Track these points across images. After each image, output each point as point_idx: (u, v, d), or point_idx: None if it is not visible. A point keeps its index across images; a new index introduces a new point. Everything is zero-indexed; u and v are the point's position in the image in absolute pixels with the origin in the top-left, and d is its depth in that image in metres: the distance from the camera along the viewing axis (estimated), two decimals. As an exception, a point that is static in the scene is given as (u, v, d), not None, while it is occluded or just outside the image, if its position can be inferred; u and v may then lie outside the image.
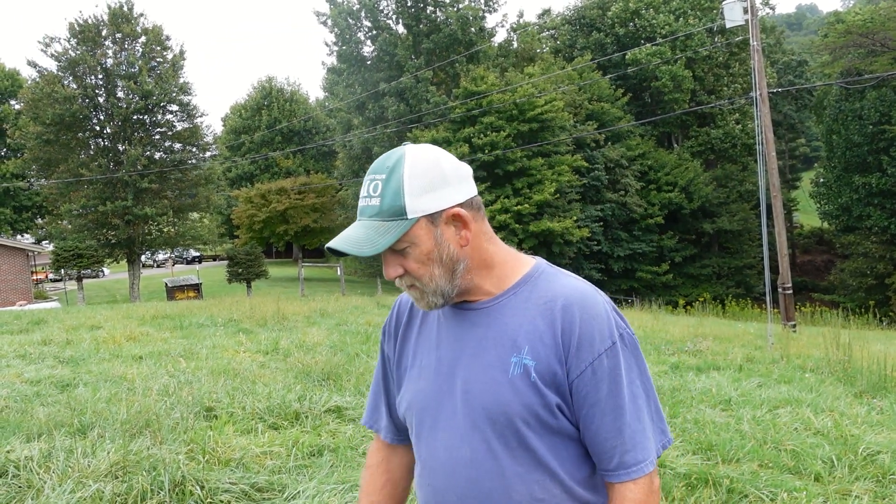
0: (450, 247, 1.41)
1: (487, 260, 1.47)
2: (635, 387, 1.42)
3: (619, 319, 1.43)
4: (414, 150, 1.41)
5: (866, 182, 37.60)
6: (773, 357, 9.72)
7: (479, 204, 1.46)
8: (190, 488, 4.02)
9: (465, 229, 1.42)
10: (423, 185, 1.38)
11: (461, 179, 1.43)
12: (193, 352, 9.35)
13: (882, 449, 5.19)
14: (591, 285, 1.46)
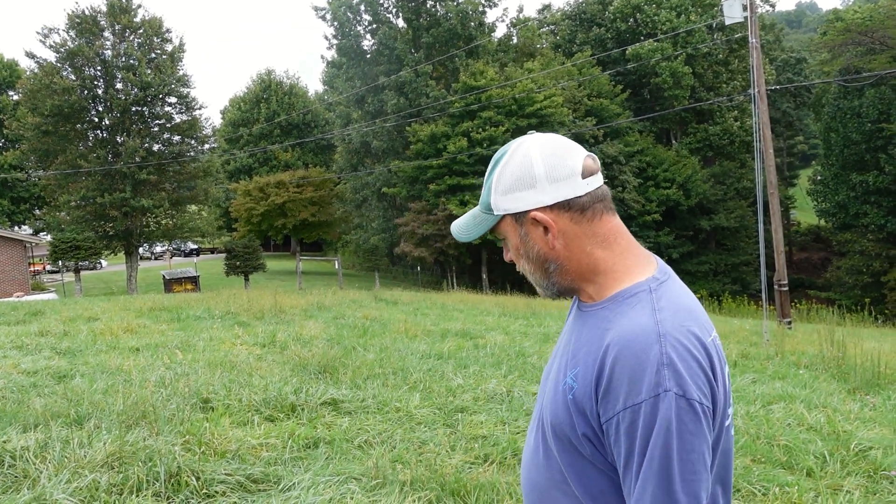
0: (536, 247, 1.40)
1: (591, 265, 1.38)
2: (650, 466, 1.18)
3: (673, 377, 1.18)
4: (521, 145, 1.41)
5: (863, 180, 37.65)
6: (769, 353, 9.75)
7: (584, 205, 1.36)
8: (185, 479, 4.04)
9: (551, 233, 1.37)
10: (510, 184, 1.38)
11: (555, 181, 1.35)
12: (190, 344, 9.36)
13: (874, 445, 5.22)
14: (663, 326, 1.23)
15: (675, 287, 1.36)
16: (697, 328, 1.26)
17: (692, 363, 1.21)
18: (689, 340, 1.23)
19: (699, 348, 1.23)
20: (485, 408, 6.22)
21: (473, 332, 11.32)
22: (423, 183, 37.29)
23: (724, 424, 1.30)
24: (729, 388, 1.34)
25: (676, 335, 1.22)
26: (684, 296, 1.35)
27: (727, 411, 1.31)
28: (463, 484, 4.20)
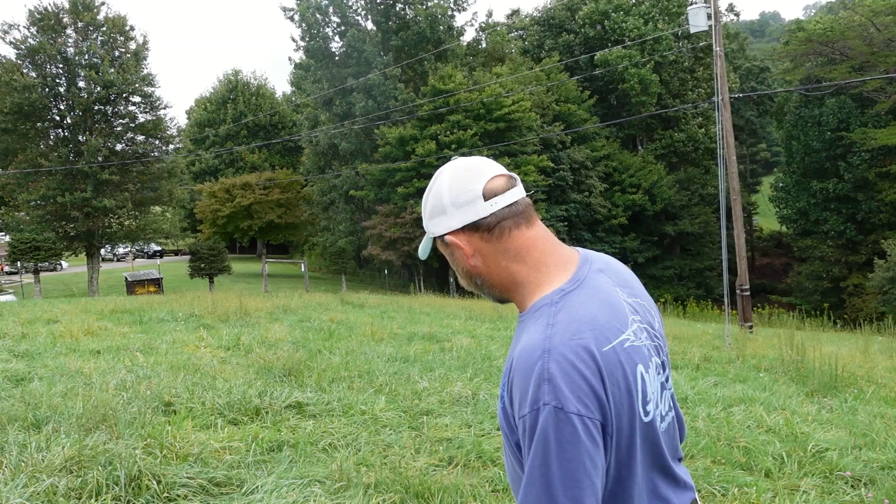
0: (459, 264, 1.52)
1: (509, 278, 1.47)
2: (532, 473, 1.26)
3: (551, 392, 1.24)
4: (439, 174, 1.52)
5: (824, 187, 38.49)
6: (730, 357, 9.91)
7: (490, 225, 1.44)
8: (146, 483, 3.99)
9: (465, 253, 1.47)
10: (430, 211, 1.51)
11: (459, 206, 1.45)
12: (153, 347, 9.24)
13: (830, 446, 5.34)
14: (550, 342, 1.29)
15: (580, 296, 1.40)
16: (592, 339, 1.31)
17: (575, 376, 1.26)
18: (576, 354, 1.28)
19: (586, 361, 1.28)
20: (450, 410, 6.23)
21: (440, 335, 11.34)
22: (391, 186, 37.24)
23: (638, 422, 1.34)
24: (648, 385, 1.39)
25: (562, 350, 1.28)
26: (588, 304, 1.38)
27: (644, 409, 1.36)
28: (427, 486, 4.21)
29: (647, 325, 1.48)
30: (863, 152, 36.73)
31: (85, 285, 34.10)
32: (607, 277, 1.50)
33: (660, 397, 1.45)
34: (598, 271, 1.50)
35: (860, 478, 4.79)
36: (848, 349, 11.18)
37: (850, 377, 8.10)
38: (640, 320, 1.46)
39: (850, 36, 38.33)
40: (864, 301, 34.36)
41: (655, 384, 1.43)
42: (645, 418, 1.37)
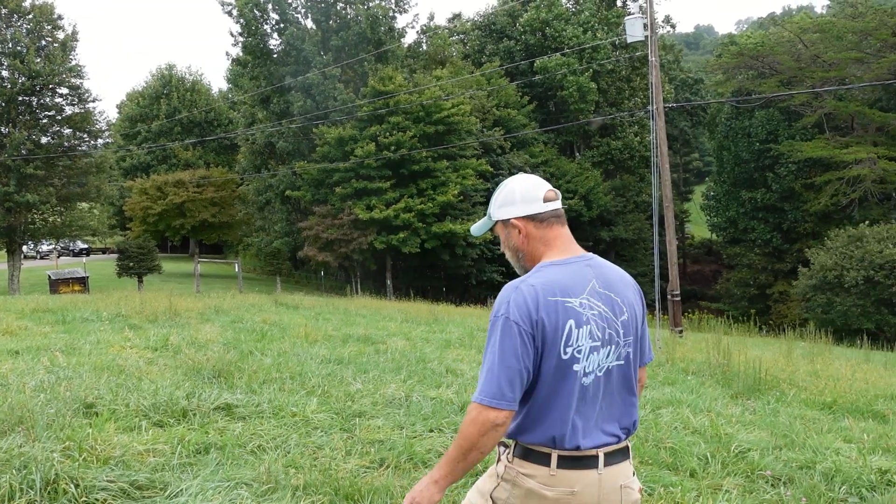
0: (511, 241, 2.29)
1: (537, 256, 2.24)
2: (491, 348, 2.06)
3: (506, 307, 2.05)
4: (510, 179, 2.35)
5: (752, 197, 39.84)
6: (660, 360, 10.14)
7: (542, 218, 2.24)
8: (63, 486, 3.83)
9: (521, 233, 2.25)
10: (500, 202, 2.32)
11: (527, 201, 2.25)
12: (76, 347, 8.90)
13: (752, 447, 5.51)
14: (522, 282, 2.11)
15: (557, 270, 2.16)
16: (541, 290, 2.07)
17: (521, 303, 2.04)
18: (528, 292, 2.06)
19: (532, 297, 2.05)
20: (383, 412, 6.19)
21: (375, 337, 11.27)
22: (328, 186, 36.88)
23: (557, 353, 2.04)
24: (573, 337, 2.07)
25: (522, 289, 2.07)
26: (557, 274, 2.14)
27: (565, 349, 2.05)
28: (357, 488, 4.16)
29: (604, 309, 2.15)
30: (789, 164, 38.17)
31: (5, 283, 32.66)
32: (590, 269, 2.21)
33: (587, 359, 2.09)
34: (587, 264, 2.22)
35: (780, 477, 4.95)
36: (772, 354, 11.58)
37: (773, 380, 8.39)
38: (597, 303, 2.14)
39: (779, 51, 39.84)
40: (789, 307, 35.70)
41: (585, 344, 2.08)
42: (564, 356, 2.05)
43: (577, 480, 2.05)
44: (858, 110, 37.35)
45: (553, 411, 2.04)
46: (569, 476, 2.04)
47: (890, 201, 36.67)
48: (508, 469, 2.11)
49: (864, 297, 27.47)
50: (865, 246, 27.92)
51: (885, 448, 5.64)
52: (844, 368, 10.46)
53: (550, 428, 2.03)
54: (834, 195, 35.81)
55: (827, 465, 5.07)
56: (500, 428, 1.97)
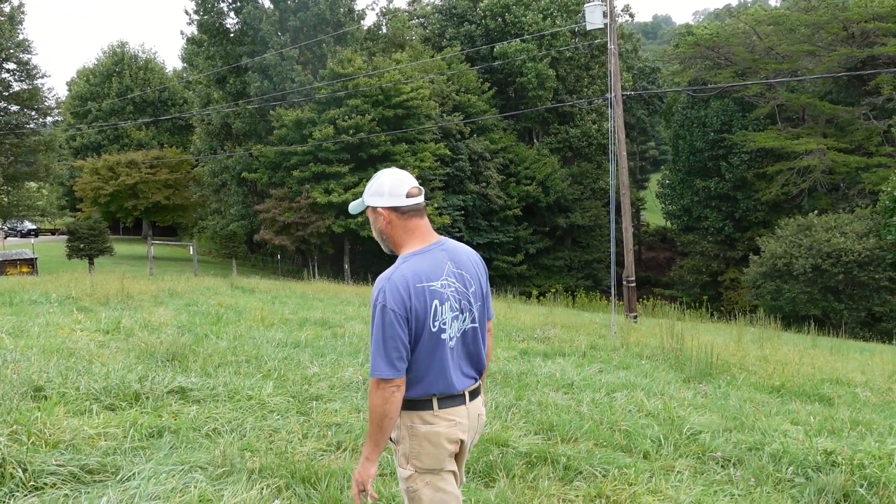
0: (377, 225, 2.72)
1: (400, 242, 2.70)
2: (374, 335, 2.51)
3: (382, 296, 2.50)
4: (382, 172, 2.74)
5: (706, 185, 40.51)
6: (615, 345, 10.28)
7: (404, 210, 2.67)
8: (11, 471, 3.74)
9: (385, 220, 2.68)
10: (373, 191, 2.71)
11: (393, 195, 2.66)
12: (23, 329, 8.67)
13: (703, 429, 5.63)
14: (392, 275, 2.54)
15: (419, 259, 2.61)
16: (412, 278, 2.53)
17: (395, 292, 2.49)
18: (400, 282, 2.51)
19: (404, 286, 2.50)
20: (340, 395, 6.17)
21: (333, 321, 11.21)
22: (286, 169, 36.41)
23: (428, 327, 2.54)
24: (439, 312, 2.57)
25: (394, 280, 2.52)
26: (420, 263, 2.60)
27: (433, 323, 2.55)
28: (314, 471, 4.15)
29: (458, 285, 2.66)
30: (742, 154, 38.87)
31: (-51, 264, 31.61)
32: (445, 253, 2.69)
33: (450, 325, 2.61)
34: (441, 249, 2.70)
35: (730, 458, 5.07)
36: (723, 339, 11.82)
37: (724, 365, 8.58)
38: (453, 282, 2.64)
39: (734, 42, 40.47)
40: (739, 294, 36.48)
41: (448, 316, 2.60)
42: (433, 329, 2.56)
43: (455, 413, 2.63)
44: (809, 102, 38.18)
45: (430, 370, 2.57)
46: (448, 412, 2.62)
47: (838, 192, 37.62)
48: (402, 427, 2.62)
49: (811, 285, 28.19)
50: (814, 235, 28.63)
51: (830, 430, 5.81)
52: (792, 353, 10.74)
53: (430, 384, 2.57)
54: (785, 185, 36.60)
55: (775, 446, 5.21)
56: (398, 392, 2.49)
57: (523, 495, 4.03)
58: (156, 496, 3.56)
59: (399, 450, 2.66)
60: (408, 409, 2.59)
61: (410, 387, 2.57)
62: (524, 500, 3.92)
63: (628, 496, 4.10)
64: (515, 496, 3.99)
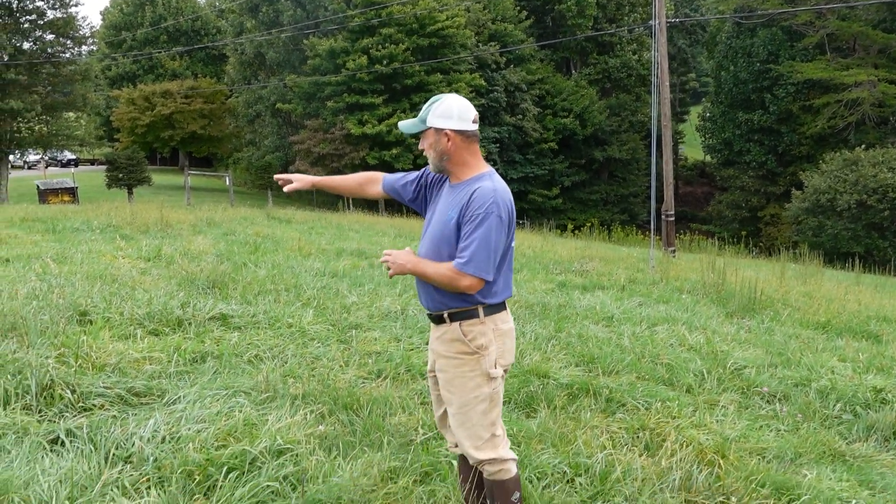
0: (440, 146, 2.76)
1: (461, 162, 2.78)
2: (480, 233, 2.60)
3: (495, 206, 2.62)
4: (448, 96, 2.81)
5: (749, 118, 39.31)
6: (654, 279, 10.15)
7: (468, 134, 2.77)
8: (60, 392, 3.80)
9: (450, 142, 2.74)
10: (440, 112, 2.74)
11: (461, 119, 2.74)
12: (67, 256, 8.79)
13: (748, 364, 5.53)
14: (496, 185, 2.70)
15: (497, 176, 2.78)
16: (508, 192, 2.72)
17: (504, 203, 2.65)
18: (506, 195, 2.69)
19: (508, 201, 2.68)
20: (379, 325, 6.17)
21: (369, 251, 11.21)
22: (320, 100, 36.11)
23: (511, 239, 2.74)
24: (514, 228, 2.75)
25: (500, 192, 2.67)
26: (503, 182, 2.77)
27: (510, 235, 2.72)
28: (356, 398, 4.15)
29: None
30: (789, 85, 37.52)
31: (-7, 193, 32.28)
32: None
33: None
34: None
35: (776, 394, 4.98)
36: (765, 274, 11.59)
37: (768, 300, 8.41)
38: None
39: (785, -33, 38.61)
40: (780, 230, 35.81)
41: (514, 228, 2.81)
42: (512, 241, 2.77)
43: (510, 317, 2.86)
44: (861, 31, 36.47)
45: (507, 277, 2.79)
46: (509, 314, 2.85)
47: (887, 125, 36.28)
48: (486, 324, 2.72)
49: (855, 221, 27.50)
50: (860, 170, 27.77)
51: (879, 367, 5.68)
52: (836, 290, 10.52)
53: (506, 289, 2.78)
54: (831, 118, 35.39)
55: (822, 382, 5.11)
56: (470, 292, 2.65)
57: (565, 426, 4.00)
58: (202, 419, 3.59)
59: (487, 357, 2.67)
60: (492, 314, 2.71)
61: (496, 293, 2.72)
62: (566, 431, 3.89)
63: (672, 429, 4.04)
64: (557, 427, 3.96)
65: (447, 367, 2.72)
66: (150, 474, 3.08)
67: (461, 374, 2.69)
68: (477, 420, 2.68)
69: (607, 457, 3.54)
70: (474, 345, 2.67)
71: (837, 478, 3.72)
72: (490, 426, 2.70)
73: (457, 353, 2.69)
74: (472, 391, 2.67)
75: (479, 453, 2.68)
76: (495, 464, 2.69)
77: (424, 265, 2.68)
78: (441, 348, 2.75)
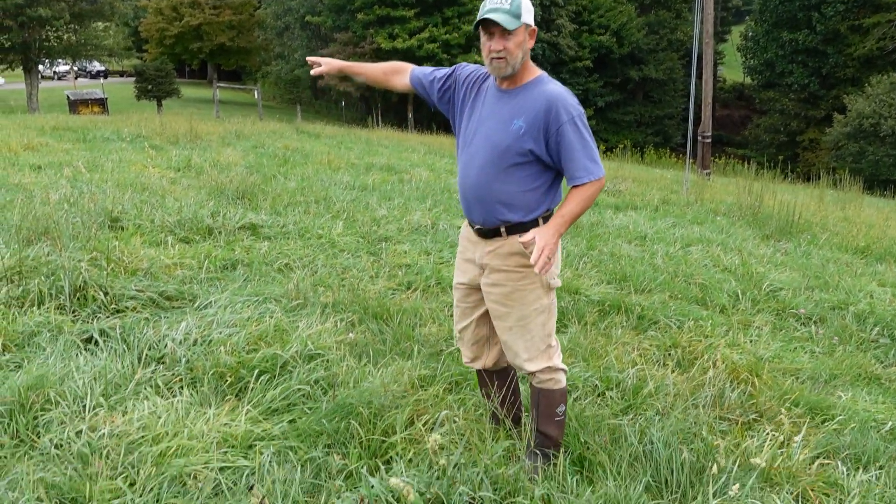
0: (525, 45, 2.50)
1: (527, 63, 2.55)
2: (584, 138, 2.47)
3: (578, 106, 2.49)
4: None
5: (793, 38, 37.74)
6: (688, 200, 9.96)
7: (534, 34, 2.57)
8: (93, 294, 3.82)
9: (531, 39, 2.52)
10: (525, 8, 2.47)
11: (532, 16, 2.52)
12: (98, 164, 8.80)
13: (784, 286, 5.43)
14: (565, 90, 2.52)
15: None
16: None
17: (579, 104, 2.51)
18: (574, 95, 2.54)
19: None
20: (409, 238, 6.13)
21: (398, 167, 11.10)
22: (350, 13, 35.28)
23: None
24: None
25: (570, 93, 2.52)
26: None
27: None
28: (386, 308, 4.14)
29: None
30: (838, 3, 35.80)
31: (23, 101, 32.32)
32: None
33: None
34: None
35: (811, 316, 4.89)
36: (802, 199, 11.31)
37: (805, 224, 8.22)
38: None
39: None
40: (818, 156, 34.87)
41: None
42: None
43: None
44: (920, -56, 34.48)
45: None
46: None
47: (939, 48, 34.71)
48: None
49: (898, 148, 26.71)
50: (907, 94, 26.77)
51: (919, 293, 5.54)
52: (877, 216, 10.26)
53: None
54: (881, 39, 33.86)
55: (860, 307, 5.00)
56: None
57: (596, 342, 3.96)
58: (232, 324, 3.60)
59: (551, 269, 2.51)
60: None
61: (559, 200, 2.64)
62: (597, 347, 3.85)
63: (705, 348, 3.99)
64: (588, 342, 3.92)
65: (505, 280, 2.59)
66: (183, 375, 3.10)
67: (521, 287, 2.58)
68: (536, 331, 2.60)
69: (639, 372, 3.50)
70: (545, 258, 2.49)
71: (873, 400, 3.66)
72: (547, 337, 2.63)
73: (517, 266, 2.58)
74: (533, 303, 2.58)
75: (532, 364, 2.61)
76: (547, 372, 2.63)
77: (567, 215, 2.49)
78: (497, 262, 2.60)
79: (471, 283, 2.74)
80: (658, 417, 2.95)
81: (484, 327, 2.77)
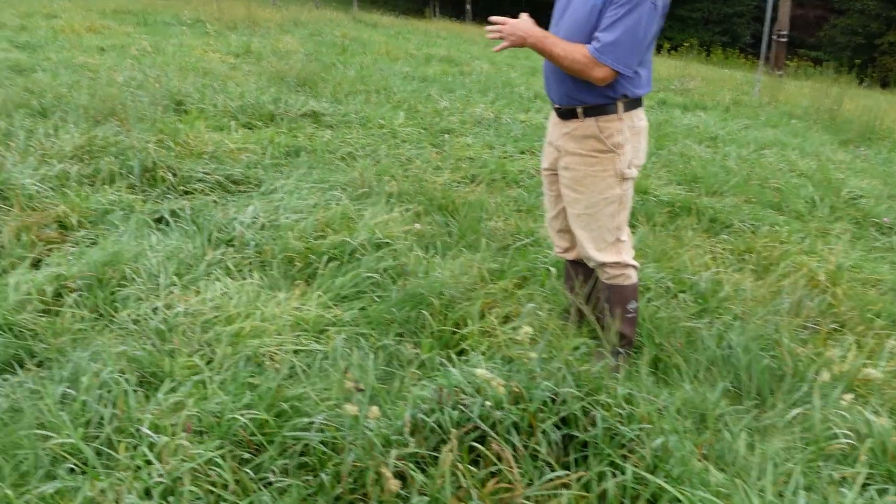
0: None
1: None
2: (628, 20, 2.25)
3: None
4: None
5: (882, -70, 34.93)
6: (761, 102, 9.51)
7: None
8: (161, 174, 3.84)
9: None
10: None
11: None
12: (159, 48, 8.73)
13: (864, 194, 5.18)
14: None
15: None
16: None
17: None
18: None
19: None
20: (472, 131, 6.00)
21: (458, 59, 10.79)
22: None
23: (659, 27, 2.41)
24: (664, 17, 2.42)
25: None
26: None
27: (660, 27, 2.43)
28: (451, 200, 4.07)
29: None
30: None
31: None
32: None
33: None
34: None
35: (893, 226, 4.67)
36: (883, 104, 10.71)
37: (887, 130, 7.79)
38: None
39: None
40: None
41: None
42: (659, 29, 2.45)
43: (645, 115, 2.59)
44: None
45: (650, 69, 2.50)
46: (644, 112, 2.57)
47: None
48: (623, 121, 2.44)
49: None
50: None
51: None
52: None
53: (648, 83, 2.48)
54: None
55: (948, 218, 4.75)
56: (600, 83, 2.33)
57: (665, 243, 3.85)
58: (299, 209, 3.58)
59: (623, 156, 2.45)
60: (630, 109, 2.45)
61: (638, 85, 2.43)
62: (668, 248, 3.74)
63: (780, 254, 3.85)
64: (657, 243, 3.81)
65: (577, 164, 2.49)
66: (252, 258, 3.11)
67: (593, 174, 2.46)
68: (604, 222, 2.50)
69: (714, 275, 3.40)
70: (611, 142, 2.42)
71: (958, 314, 3.51)
72: (616, 230, 2.53)
73: (591, 150, 2.45)
74: (603, 192, 2.47)
75: (600, 255, 2.53)
76: (617, 268, 2.55)
77: (552, 42, 2.31)
78: (571, 145, 2.49)
79: (552, 168, 2.66)
80: (737, 322, 2.86)
81: None
